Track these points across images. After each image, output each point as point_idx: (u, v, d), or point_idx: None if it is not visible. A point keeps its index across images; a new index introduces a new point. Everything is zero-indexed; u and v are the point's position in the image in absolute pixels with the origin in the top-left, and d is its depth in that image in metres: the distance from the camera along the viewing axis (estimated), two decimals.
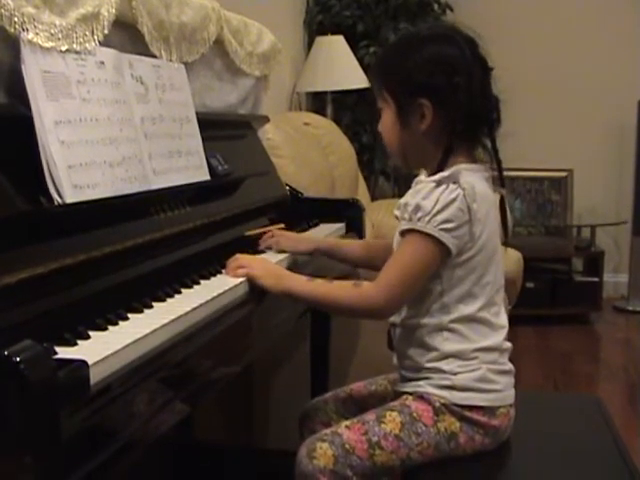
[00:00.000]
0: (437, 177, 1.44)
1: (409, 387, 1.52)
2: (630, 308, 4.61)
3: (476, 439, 1.47)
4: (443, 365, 1.47)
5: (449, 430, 1.45)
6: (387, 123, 1.54)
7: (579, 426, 1.65)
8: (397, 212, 1.49)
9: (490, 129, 1.50)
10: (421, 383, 1.49)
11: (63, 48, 1.30)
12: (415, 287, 1.45)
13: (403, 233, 1.45)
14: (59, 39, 1.29)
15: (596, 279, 4.45)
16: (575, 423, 1.66)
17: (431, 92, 1.45)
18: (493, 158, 1.51)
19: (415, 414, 1.46)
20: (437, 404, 1.46)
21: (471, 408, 1.46)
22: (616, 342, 4.19)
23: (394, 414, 1.46)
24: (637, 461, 1.49)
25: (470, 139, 1.50)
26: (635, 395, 3.47)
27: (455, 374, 1.46)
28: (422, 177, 1.52)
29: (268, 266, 1.56)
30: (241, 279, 1.48)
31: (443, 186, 1.41)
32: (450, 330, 1.47)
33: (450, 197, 1.40)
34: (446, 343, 1.47)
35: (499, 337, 1.50)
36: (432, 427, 1.45)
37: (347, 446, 1.43)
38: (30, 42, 1.23)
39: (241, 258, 1.54)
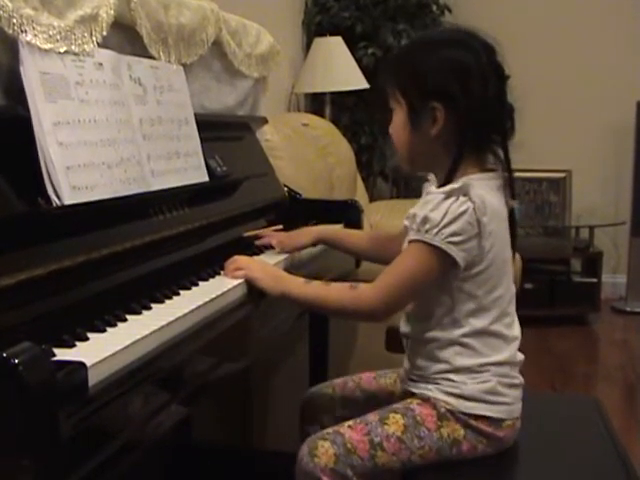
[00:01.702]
0: (447, 189, 1.42)
1: (417, 388, 1.51)
2: (628, 309, 4.62)
3: (479, 448, 1.47)
4: (453, 376, 1.46)
5: (452, 436, 1.45)
6: (398, 124, 1.51)
7: (577, 427, 1.65)
8: (406, 222, 1.47)
9: (503, 138, 1.48)
10: (430, 387, 1.48)
11: (62, 50, 1.30)
12: (413, 295, 1.46)
13: (410, 242, 1.44)
14: (57, 41, 1.29)
15: (594, 280, 4.45)
16: (573, 424, 1.66)
17: (445, 96, 1.43)
18: (504, 167, 1.49)
19: (419, 418, 1.46)
20: (442, 410, 1.46)
21: (477, 417, 1.45)
22: (614, 343, 4.20)
23: (397, 416, 1.46)
24: (635, 462, 1.49)
25: (481, 147, 1.48)
26: (633, 396, 3.47)
27: (465, 384, 1.45)
28: (432, 188, 1.50)
29: (266, 268, 1.56)
30: (239, 280, 1.48)
31: (453, 198, 1.39)
32: (462, 344, 1.46)
33: (459, 210, 1.38)
34: (458, 357, 1.46)
35: (512, 350, 1.49)
36: (435, 432, 1.45)
37: (349, 445, 1.43)
38: (28, 43, 1.23)
39: (239, 260, 1.54)
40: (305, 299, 1.50)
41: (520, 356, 1.52)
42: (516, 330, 1.52)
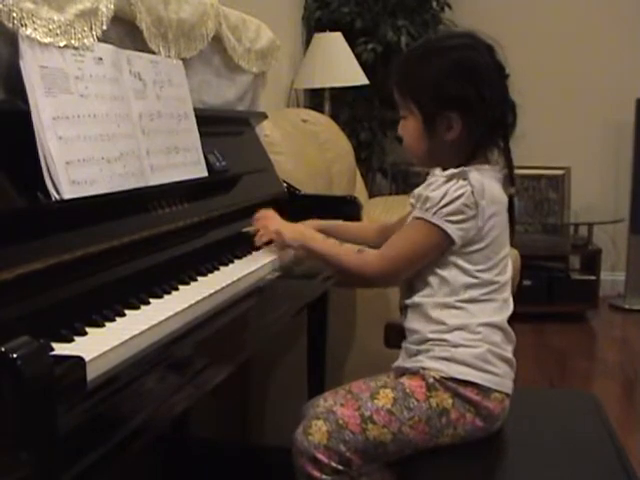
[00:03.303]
0: (448, 172, 1.50)
1: (408, 362, 1.55)
2: (627, 306, 4.62)
3: (467, 417, 1.49)
4: (447, 336, 1.50)
5: (441, 405, 1.48)
6: (411, 132, 1.57)
7: (575, 423, 1.65)
8: (412, 200, 1.55)
9: (505, 132, 1.55)
10: (420, 357, 1.52)
11: (61, 44, 1.30)
12: (412, 267, 1.53)
13: (413, 219, 1.52)
14: (57, 35, 1.29)
15: (593, 277, 4.45)
16: (571, 420, 1.67)
17: (459, 104, 1.49)
18: (506, 158, 1.56)
19: (408, 390, 1.50)
20: (431, 380, 1.49)
21: (466, 385, 1.49)
22: (612, 340, 4.20)
23: (387, 390, 1.51)
24: (632, 458, 1.49)
25: (488, 143, 1.55)
26: (631, 392, 3.48)
27: (456, 346, 1.49)
28: (436, 171, 1.57)
29: (290, 225, 1.71)
30: (238, 275, 1.48)
31: (453, 181, 1.48)
32: (458, 308, 1.51)
33: (458, 192, 1.47)
34: (452, 318, 1.51)
35: (503, 316, 1.55)
36: (424, 402, 1.48)
37: (340, 421, 1.47)
38: (28, 37, 1.23)
39: (267, 216, 1.72)
40: (320, 252, 1.61)
41: (513, 334, 1.57)
42: (509, 304, 1.58)
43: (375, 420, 1.48)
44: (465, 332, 1.50)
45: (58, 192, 1.22)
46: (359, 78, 3.88)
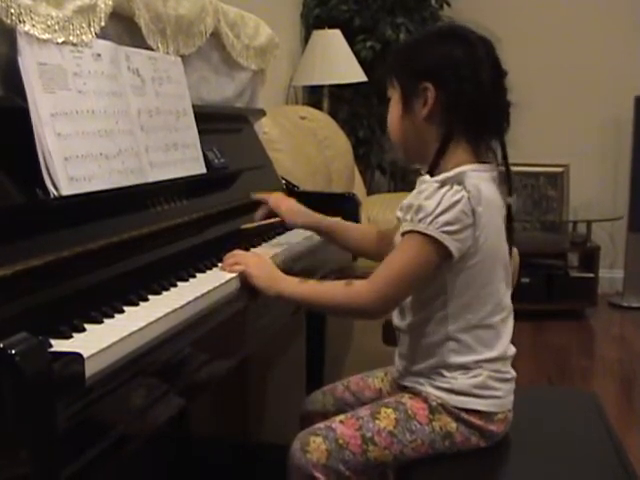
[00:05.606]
0: (441, 177, 1.41)
1: (408, 381, 1.51)
2: (625, 304, 4.62)
3: (472, 440, 1.46)
4: (444, 372, 1.46)
5: (444, 429, 1.45)
6: (392, 110, 1.52)
7: (574, 420, 1.65)
8: (399, 214, 1.46)
9: (499, 133, 1.48)
10: (421, 380, 1.48)
11: (60, 40, 1.30)
12: (410, 289, 1.43)
13: (404, 234, 1.41)
14: (56, 31, 1.29)
15: (591, 275, 4.46)
16: (570, 417, 1.67)
17: (435, 76, 1.43)
18: (501, 162, 1.48)
19: (410, 412, 1.45)
20: (434, 404, 1.45)
21: (468, 411, 1.45)
22: (611, 338, 4.20)
23: (389, 410, 1.46)
24: (632, 457, 1.49)
25: (473, 135, 1.46)
26: (629, 390, 3.48)
27: (455, 379, 1.45)
28: (426, 177, 1.47)
29: (263, 266, 1.51)
30: (236, 273, 1.48)
31: (447, 187, 1.37)
32: (456, 340, 1.44)
33: (454, 199, 1.36)
34: (451, 354, 1.45)
35: (504, 344, 1.48)
36: (427, 425, 1.44)
37: (340, 441, 1.42)
38: (27, 34, 1.23)
39: (238, 254, 1.52)
40: (299, 298, 1.48)
41: (512, 350, 1.51)
42: (509, 325, 1.50)
43: (376, 442, 1.43)
44: (463, 369, 1.45)
45: (56, 188, 1.22)
46: (358, 75, 3.88)
